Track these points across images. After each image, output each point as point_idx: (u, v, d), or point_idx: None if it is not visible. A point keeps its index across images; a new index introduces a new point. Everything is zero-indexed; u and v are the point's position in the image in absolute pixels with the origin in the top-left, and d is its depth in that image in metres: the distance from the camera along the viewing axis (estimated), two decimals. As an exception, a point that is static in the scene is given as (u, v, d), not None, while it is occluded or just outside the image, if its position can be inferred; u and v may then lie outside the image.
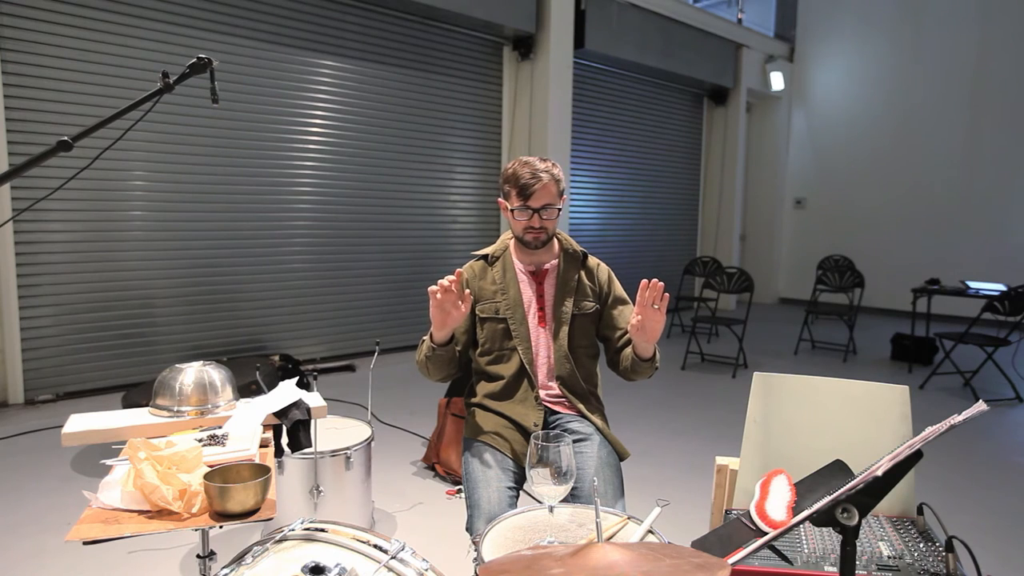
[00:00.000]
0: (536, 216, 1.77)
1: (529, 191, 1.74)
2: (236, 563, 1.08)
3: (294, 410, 1.64)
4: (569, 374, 1.83)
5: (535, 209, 1.76)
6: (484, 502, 1.64)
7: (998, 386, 5.15)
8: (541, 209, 1.76)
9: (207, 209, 4.81)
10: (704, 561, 0.82)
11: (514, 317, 1.83)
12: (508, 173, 1.79)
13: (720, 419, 4.29)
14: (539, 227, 1.78)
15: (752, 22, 9.14)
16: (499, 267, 1.88)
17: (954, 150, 8.25)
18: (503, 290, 1.85)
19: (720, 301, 7.42)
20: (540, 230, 1.79)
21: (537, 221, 1.77)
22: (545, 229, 1.80)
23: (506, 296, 1.85)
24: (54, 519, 2.69)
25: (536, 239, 1.81)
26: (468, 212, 6.47)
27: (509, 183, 1.78)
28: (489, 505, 1.62)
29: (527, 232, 1.80)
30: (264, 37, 4.97)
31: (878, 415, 1.50)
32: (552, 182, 1.76)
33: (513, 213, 1.79)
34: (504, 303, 1.84)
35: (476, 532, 1.60)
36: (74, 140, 1.31)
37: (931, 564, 1.22)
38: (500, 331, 1.84)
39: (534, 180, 1.74)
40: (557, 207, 1.79)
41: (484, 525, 1.59)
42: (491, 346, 1.86)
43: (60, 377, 4.31)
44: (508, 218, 1.84)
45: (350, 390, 4.63)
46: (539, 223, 1.77)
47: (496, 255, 1.91)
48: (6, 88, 3.95)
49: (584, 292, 1.88)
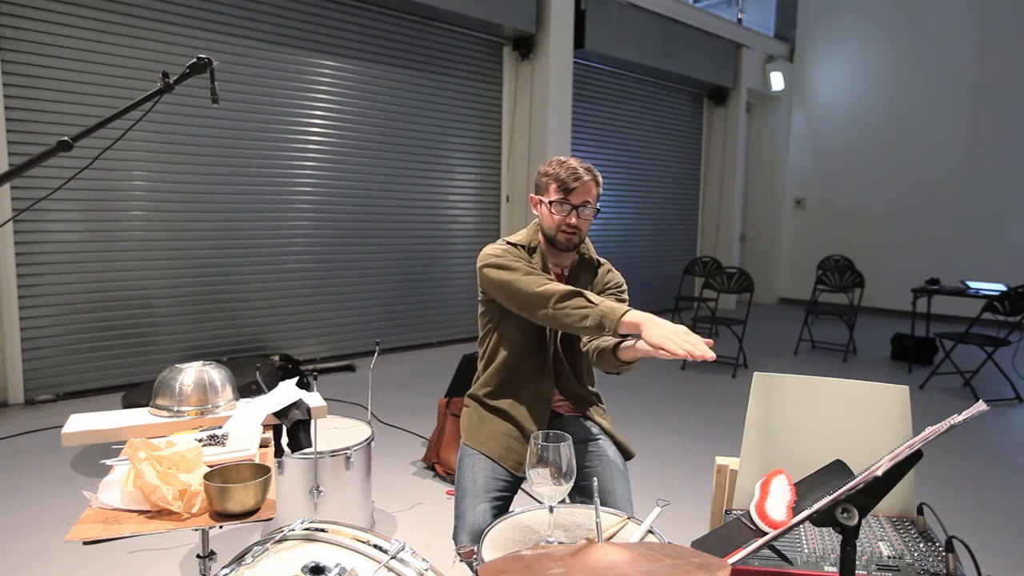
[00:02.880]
0: (574, 213, 1.69)
1: (571, 186, 1.68)
2: (236, 563, 1.08)
3: (294, 410, 1.64)
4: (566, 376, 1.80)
5: (574, 205, 1.69)
6: (469, 514, 1.63)
7: (998, 386, 5.15)
8: (579, 206, 1.69)
9: (207, 209, 4.81)
10: (704, 561, 0.82)
11: None
12: (549, 168, 1.72)
13: (720, 419, 4.29)
14: (575, 226, 1.70)
15: (752, 22, 9.14)
16: (537, 259, 1.78)
17: (954, 150, 8.25)
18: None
19: (720, 301, 7.41)
20: (575, 230, 1.71)
21: (574, 218, 1.69)
22: (579, 230, 1.72)
23: None
24: (54, 519, 2.69)
25: (569, 240, 1.72)
26: (468, 212, 6.47)
27: (549, 176, 1.71)
28: (474, 518, 1.61)
29: (561, 231, 1.71)
30: (264, 37, 4.97)
31: (878, 415, 1.49)
32: (593, 183, 1.71)
33: (550, 206, 1.71)
34: None
35: (460, 543, 1.61)
36: (74, 140, 1.31)
37: (931, 564, 1.22)
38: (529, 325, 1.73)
39: (576, 176, 1.68)
40: (594, 207, 1.73)
41: (468, 536, 1.59)
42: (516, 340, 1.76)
43: (60, 377, 4.31)
44: (542, 213, 1.75)
45: (350, 390, 4.63)
46: (576, 220, 1.70)
47: (533, 246, 1.79)
48: (6, 88, 3.95)
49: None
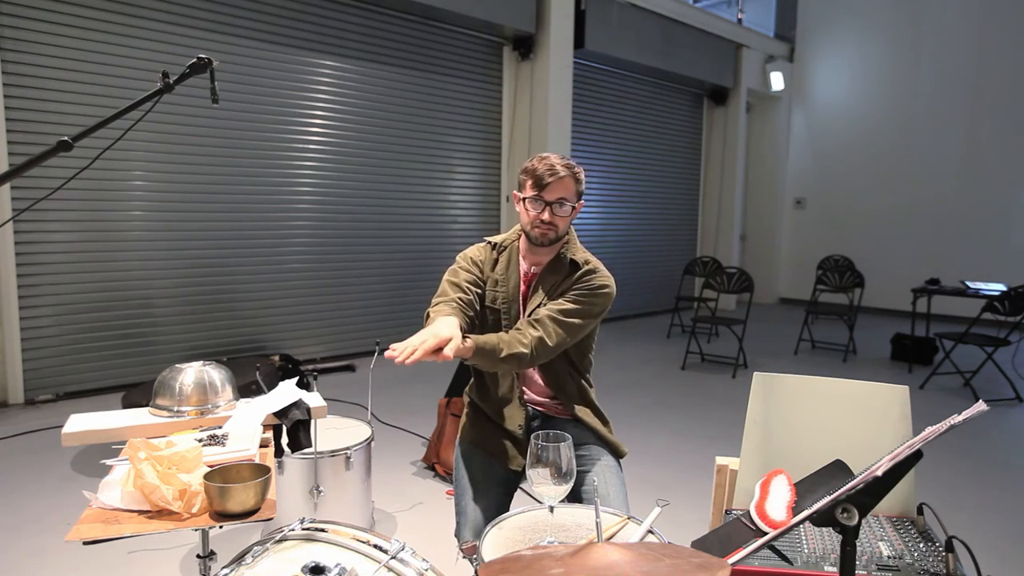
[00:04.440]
0: (548, 210, 1.67)
1: (545, 182, 1.66)
2: (236, 563, 1.08)
3: (294, 410, 1.64)
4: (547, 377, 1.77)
5: (548, 202, 1.67)
6: (470, 510, 1.63)
7: (998, 386, 5.15)
8: (554, 203, 1.67)
9: (207, 209, 4.81)
10: (704, 561, 0.82)
11: (508, 312, 1.77)
12: (528, 164, 1.72)
13: (720, 419, 4.29)
14: (548, 222, 1.67)
15: (752, 22, 9.14)
16: (504, 258, 1.81)
17: (954, 150, 8.25)
18: (503, 282, 1.79)
19: (720, 301, 7.41)
20: (549, 226, 1.68)
21: (548, 215, 1.67)
22: (555, 226, 1.68)
23: (504, 289, 1.78)
24: (54, 519, 2.69)
25: (543, 235, 1.70)
26: (468, 212, 6.47)
27: (527, 172, 1.71)
28: (475, 513, 1.62)
29: (535, 226, 1.70)
30: (264, 37, 4.97)
31: (878, 415, 1.49)
32: (570, 178, 1.68)
33: (525, 203, 1.71)
34: (501, 295, 1.78)
35: (463, 539, 1.61)
36: (74, 140, 1.31)
37: (931, 564, 1.22)
38: (492, 322, 1.78)
39: (552, 172, 1.66)
40: (571, 204, 1.70)
41: (470, 533, 1.60)
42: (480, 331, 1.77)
43: (60, 377, 4.31)
44: (520, 210, 1.76)
45: (350, 390, 4.63)
46: (549, 217, 1.67)
47: (504, 245, 1.82)
48: (6, 88, 3.95)
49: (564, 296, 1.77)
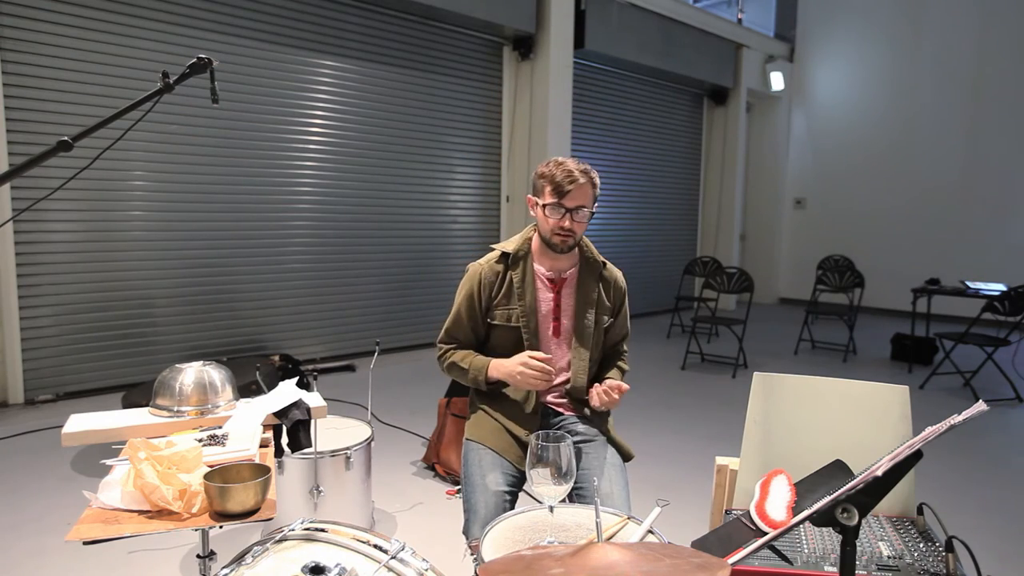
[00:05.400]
0: (568, 216, 1.70)
1: (565, 189, 1.67)
2: (236, 563, 1.08)
3: (294, 410, 1.64)
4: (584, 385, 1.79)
5: (568, 209, 1.69)
6: (481, 506, 1.63)
7: (998, 386, 5.15)
8: (574, 210, 1.69)
9: (207, 209, 4.81)
10: (704, 561, 0.82)
11: (528, 326, 1.76)
12: (545, 169, 1.73)
13: (720, 419, 4.28)
14: (569, 229, 1.71)
15: (752, 22, 9.14)
16: (519, 270, 1.79)
17: (954, 150, 8.25)
18: (520, 295, 1.78)
19: (720, 301, 7.41)
20: (569, 233, 1.71)
21: (568, 222, 1.70)
22: (574, 232, 1.72)
23: (522, 303, 1.77)
24: (54, 519, 2.69)
25: (564, 242, 1.73)
26: (468, 212, 6.47)
27: (544, 179, 1.72)
28: (486, 509, 1.62)
29: (556, 233, 1.72)
30: (264, 37, 4.96)
31: (878, 415, 1.50)
32: (589, 185, 1.71)
33: (544, 209, 1.72)
34: (520, 310, 1.77)
35: (472, 536, 1.60)
36: (74, 140, 1.31)
37: (931, 564, 1.22)
38: (512, 339, 1.78)
39: (571, 179, 1.68)
40: (591, 210, 1.73)
41: (480, 529, 1.60)
42: (501, 353, 1.79)
43: (60, 377, 4.31)
44: (537, 215, 1.77)
45: (350, 390, 4.63)
46: (570, 224, 1.70)
47: (518, 255, 1.81)
48: (6, 88, 3.95)
49: (603, 305, 1.83)
